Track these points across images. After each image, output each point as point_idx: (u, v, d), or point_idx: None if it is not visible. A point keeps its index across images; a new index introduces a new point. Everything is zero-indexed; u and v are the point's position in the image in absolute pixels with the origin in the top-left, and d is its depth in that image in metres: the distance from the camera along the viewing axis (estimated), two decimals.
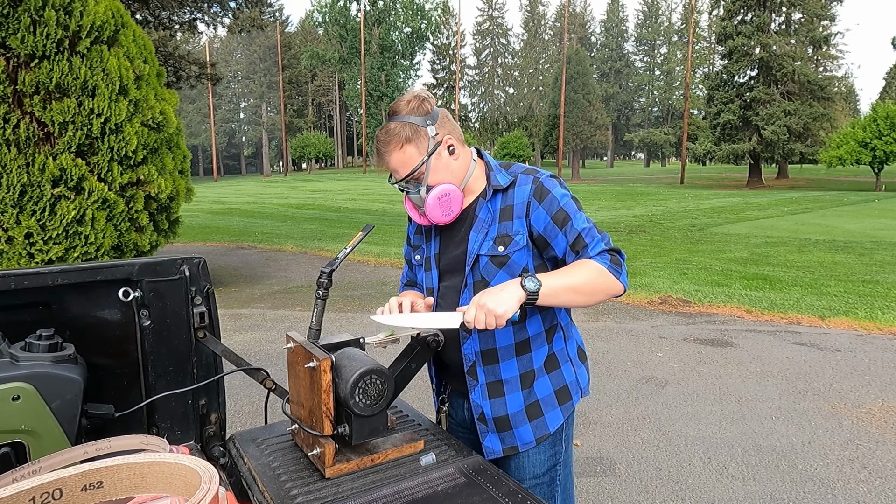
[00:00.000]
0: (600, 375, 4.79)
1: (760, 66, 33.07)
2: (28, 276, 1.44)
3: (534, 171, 1.61)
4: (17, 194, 5.48)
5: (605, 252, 1.52)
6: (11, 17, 5.37)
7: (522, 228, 1.56)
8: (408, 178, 1.56)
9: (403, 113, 1.54)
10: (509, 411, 1.62)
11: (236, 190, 32.90)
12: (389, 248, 11.17)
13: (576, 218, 1.54)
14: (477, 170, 1.65)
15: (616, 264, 1.52)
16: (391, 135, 1.53)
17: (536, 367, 1.64)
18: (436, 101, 1.61)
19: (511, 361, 1.62)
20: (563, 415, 1.66)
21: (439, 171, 1.56)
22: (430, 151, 1.54)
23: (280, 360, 5.01)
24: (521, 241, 1.56)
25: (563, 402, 1.67)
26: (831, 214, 16.95)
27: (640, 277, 8.40)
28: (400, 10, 53.61)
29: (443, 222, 1.60)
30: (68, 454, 1.21)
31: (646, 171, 56.40)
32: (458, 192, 1.58)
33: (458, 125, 1.64)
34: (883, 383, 4.60)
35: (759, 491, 3.11)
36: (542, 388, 1.65)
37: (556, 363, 1.67)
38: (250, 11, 16.30)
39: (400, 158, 1.54)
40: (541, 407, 1.64)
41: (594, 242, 1.53)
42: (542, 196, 1.55)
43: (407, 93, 1.60)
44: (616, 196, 25.11)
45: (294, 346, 1.45)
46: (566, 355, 1.69)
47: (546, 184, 1.56)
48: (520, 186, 1.58)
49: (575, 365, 1.71)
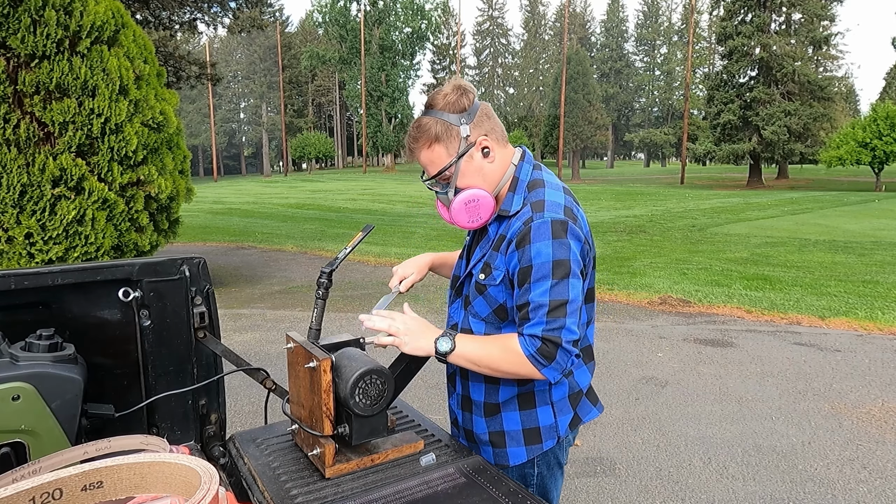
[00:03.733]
0: (600, 375, 4.79)
1: (760, 66, 33.08)
2: (28, 276, 1.44)
3: (538, 209, 1.41)
4: (18, 194, 5.48)
5: (536, 338, 1.35)
6: (11, 17, 5.37)
7: (503, 265, 1.45)
8: (436, 177, 1.48)
9: (438, 107, 1.44)
10: (475, 430, 1.61)
11: (236, 190, 32.90)
12: (389, 248, 11.17)
13: (535, 284, 1.36)
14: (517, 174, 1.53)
15: (544, 356, 1.34)
16: (421, 131, 1.45)
17: (503, 401, 1.54)
18: (477, 92, 1.49)
19: (479, 385, 1.57)
20: (526, 455, 1.55)
21: (469, 174, 1.46)
22: (461, 153, 1.43)
23: (280, 360, 5.01)
24: (499, 276, 1.45)
25: (529, 443, 1.55)
26: (831, 215, 16.94)
27: (640, 277, 8.40)
28: (400, 11, 53.58)
29: (470, 227, 1.50)
30: (68, 454, 1.21)
31: (646, 172, 56.40)
32: (487, 198, 1.45)
33: (501, 122, 1.52)
34: (883, 383, 4.60)
35: (759, 491, 3.11)
36: (510, 421, 1.55)
37: (531, 402, 1.54)
38: (250, 11, 16.29)
39: (428, 157, 1.46)
40: (505, 438, 1.56)
41: (533, 322, 1.35)
42: (522, 243, 1.38)
43: (447, 83, 1.48)
44: (616, 196, 25.11)
45: (294, 346, 1.45)
46: (546, 398, 1.54)
47: (534, 232, 1.37)
48: (516, 220, 1.44)
49: (557, 410, 1.55)
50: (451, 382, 1.66)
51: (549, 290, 1.35)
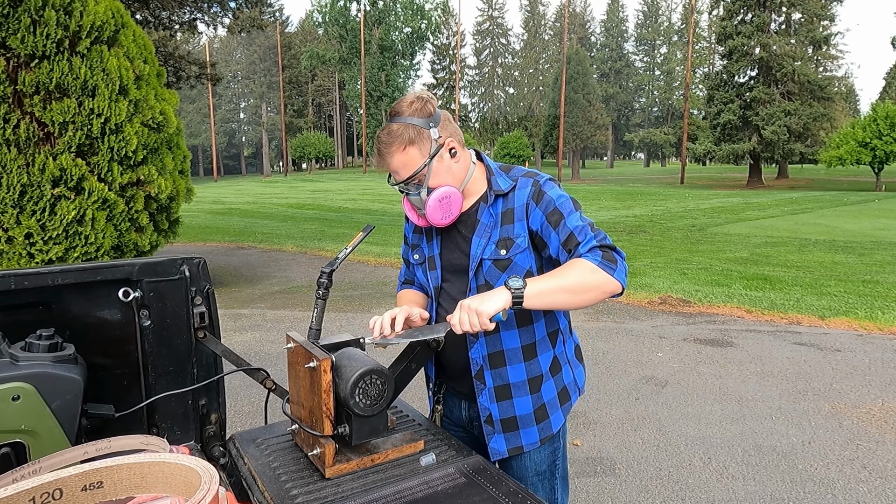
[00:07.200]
0: (600, 375, 4.79)
1: (760, 66, 33.07)
2: (28, 276, 1.44)
3: (533, 174, 1.62)
4: (17, 194, 5.48)
5: (596, 248, 1.49)
6: (11, 17, 5.37)
7: (523, 231, 1.58)
8: (409, 180, 1.55)
9: (406, 114, 1.53)
10: (518, 413, 1.64)
11: (236, 190, 32.90)
12: (389, 248, 11.17)
13: (569, 217, 1.54)
14: (476, 172, 1.65)
15: (609, 261, 1.47)
16: (393, 136, 1.52)
17: (544, 371, 1.66)
18: (437, 102, 1.61)
19: (519, 366, 1.63)
20: (563, 415, 1.71)
21: (440, 173, 1.56)
22: (433, 154, 1.53)
23: (280, 360, 5.01)
24: (523, 243, 1.58)
25: (563, 403, 1.71)
26: (831, 214, 16.94)
27: (640, 277, 8.40)
28: (400, 11, 53.59)
29: (442, 224, 1.60)
30: (68, 454, 1.21)
31: (646, 171, 56.39)
32: (458, 194, 1.58)
33: (459, 127, 1.65)
34: (883, 383, 4.60)
35: (759, 491, 3.11)
36: (548, 391, 1.67)
37: (558, 366, 1.69)
38: (250, 11, 16.28)
39: (402, 160, 1.53)
40: (547, 410, 1.67)
41: (586, 240, 1.50)
42: (540, 197, 1.56)
43: (408, 94, 1.60)
44: (616, 196, 25.11)
45: (294, 346, 1.45)
46: (565, 357, 1.72)
47: (544, 186, 1.58)
48: (520, 189, 1.59)
49: (573, 365, 1.75)
50: (479, 380, 1.64)
51: (580, 216, 1.55)
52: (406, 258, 1.87)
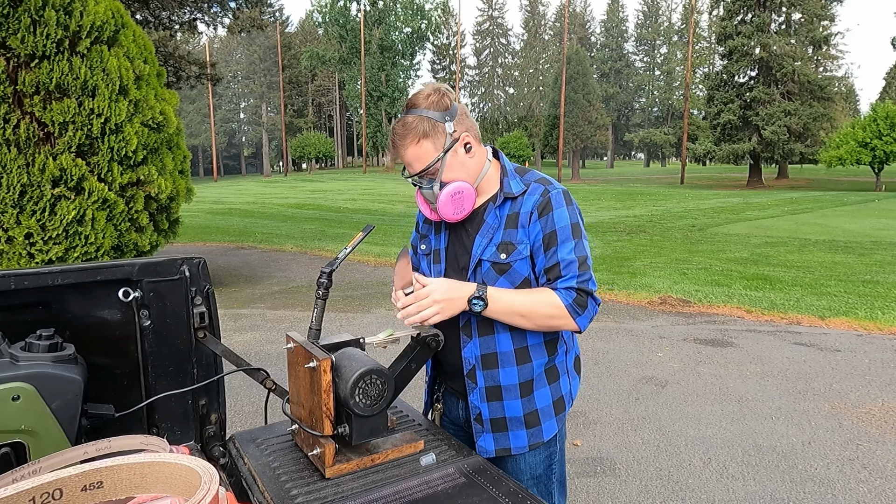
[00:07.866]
0: (600, 375, 4.79)
1: (760, 66, 33.07)
2: (28, 276, 1.44)
3: (547, 182, 1.59)
4: (17, 194, 5.48)
5: (572, 290, 1.50)
6: (11, 17, 5.37)
7: (526, 238, 1.56)
8: (422, 173, 1.54)
9: (422, 107, 1.52)
10: (507, 415, 1.64)
11: (236, 190, 32.90)
12: (389, 248, 11.17)
13: (562, 245, 1.52)
14: (491, 170, 1.63)
15: (579, 305, 1.50)
16: (408, 128, 1.51)
17: (536, 376, 1.64)
18: (454, 94, 1.58)
19: (511, 369, 1.62)
20: (558, 425, 1.69)
21: (454, 168, 1.55)
22: (447, 148, 1.52)
23: (280, 360, 5.00)
24: (525, 250, 1.56)
25: (558, 413, 1.69)
26: (831, 214, 16.94)
27: (640, 277, 8.40)
28: (400, 11, 53.59)
29: (454, 219, 1.59)
30: (68, 454, 1.21)
31: (646, 171, 56.40)
32: (471, 190, 1.56)
33: (476, 123, 1.63)
34: (883, 383, 4.60)
35: (759, 491, 3.11)
36: (543, 398, 1.65)
37: (556, 374, 1.68)
38: (250, 11, 16.29)
39: (416, 153, 1.52)
40: (539, 416, 1.65)
41: (567, 276, 1.51)
42: (545, 212, 1.54)
43: (426, 86, 1.57)
44: (616, 196, 25.10)
45: (294, 347, 1.45)
46: (565, 367, 1.71)
47: (553, 199, 1.55)
48: (529, 196, 1.57)
49: (570, 377, 1.73)
50: (470, 379, 1.64)
51: (573, 249, 1.53)
52: (414, 245, 1.86)
